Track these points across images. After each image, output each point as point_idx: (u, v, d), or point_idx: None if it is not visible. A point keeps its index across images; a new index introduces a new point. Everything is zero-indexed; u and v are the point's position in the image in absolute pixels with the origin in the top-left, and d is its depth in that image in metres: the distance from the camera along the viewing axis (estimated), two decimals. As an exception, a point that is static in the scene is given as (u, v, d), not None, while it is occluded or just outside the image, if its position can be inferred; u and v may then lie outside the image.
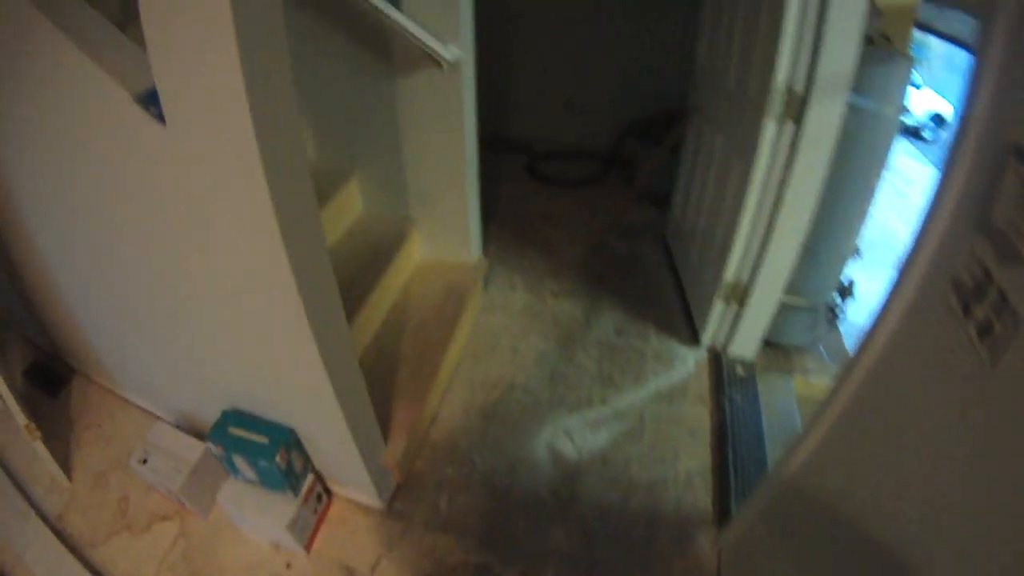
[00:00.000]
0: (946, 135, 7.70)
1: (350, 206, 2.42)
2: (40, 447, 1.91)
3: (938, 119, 7.97)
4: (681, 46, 2.88)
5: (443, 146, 2.18)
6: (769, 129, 1.80)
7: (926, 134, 7.98)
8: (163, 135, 1.05)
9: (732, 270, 2.12)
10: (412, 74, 2.04)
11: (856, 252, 2.19)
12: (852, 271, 2.24)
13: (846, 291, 2.36)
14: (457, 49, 1.93)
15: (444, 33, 1.89)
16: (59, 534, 1.84)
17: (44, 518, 1.89)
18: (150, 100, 1.03)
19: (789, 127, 1.77)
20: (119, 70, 1.07)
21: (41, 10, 1.08)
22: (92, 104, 1.14)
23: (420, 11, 1.86)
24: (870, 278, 2.70)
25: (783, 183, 1.85)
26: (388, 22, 1.75)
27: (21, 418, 1.85)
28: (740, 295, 2.16)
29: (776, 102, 1.75)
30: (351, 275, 2.16)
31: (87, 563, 1.76)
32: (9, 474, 2.03)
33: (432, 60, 1.93)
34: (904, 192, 4.65)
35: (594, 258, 2.89)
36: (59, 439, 2.10)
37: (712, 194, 2.28)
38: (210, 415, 1.73)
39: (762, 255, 2.01)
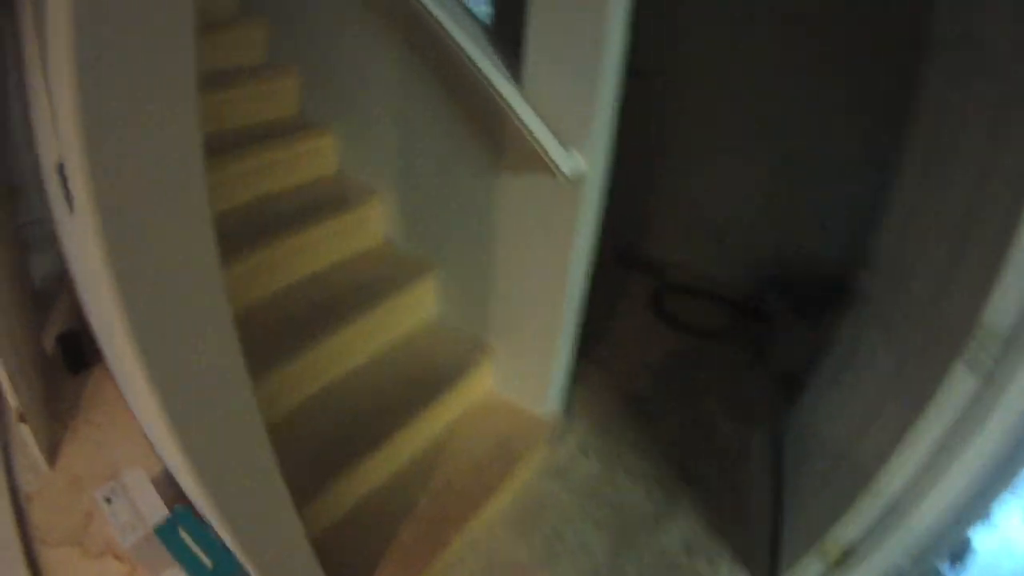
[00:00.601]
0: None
1: (420, 306, 2.17)
2: (25, 430, 1.85)
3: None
4: (863, 210, 2.37)
5: (542, 271, 1.86)
6: (959, 377, 1.30)
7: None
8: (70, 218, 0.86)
9: (848, 531, 1.61)
10: (519, 173, 1.75)
11: (987, 515, 1.64)
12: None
13: (958, 556, 1.79)
14: (582, 159, 1.59)
15: (571, 133, 1.57)
16: (19, 514, 1.77)
17: (14, 491, 1.83)
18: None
19: (980, 379, 1.28)
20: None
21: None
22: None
23: (545, 99, 1.57)
24: (985, 534, 2.10)
25: (954, 448, 1.34)
26: (500, 103, 1.49)
27: (13, 400, 1.78)
28: (847, 560, 1.64)
29: (978, 346, 1.27)
30: (389, 397, 1.90)
31: (31, 558, 1.68)
32: (2, 432, 2.01)
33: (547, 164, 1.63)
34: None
35: (692, 437, 2.41)
36: (59, 421, 2.07)
37: (857, 420, 1.78)
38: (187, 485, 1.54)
39: (895, 523, 1.49)
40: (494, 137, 1.77)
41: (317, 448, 1.75)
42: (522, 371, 2.11)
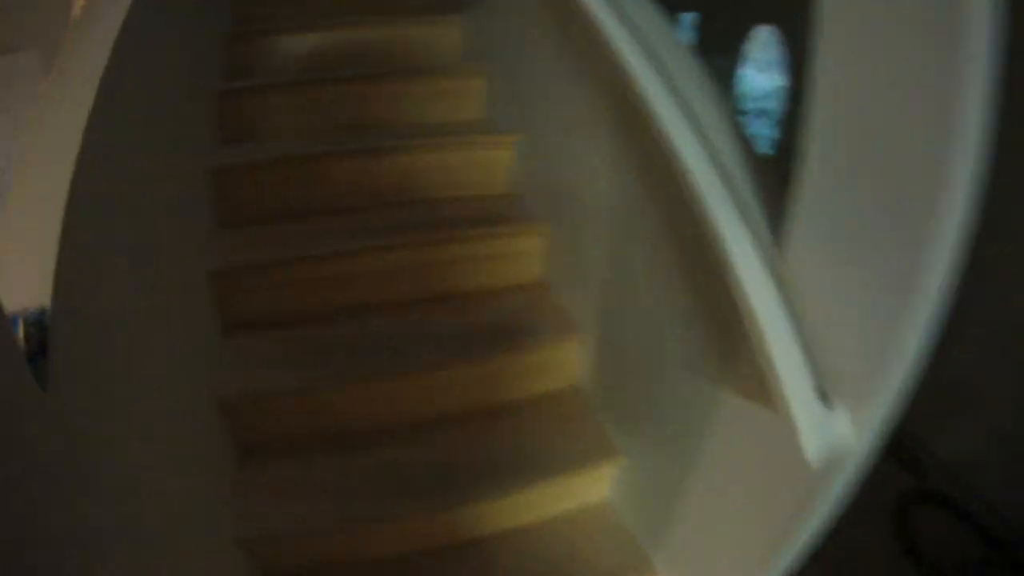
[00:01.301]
0: None
1: (589, 491, 1.72)
2: None
3: None
4: None
5: (750, 532, 1.25)
6: None
7: None
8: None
9: None
10: (743, 394, 1.16)
11: None
12: None
13: None
14: (850, 425, 0.91)
15: (843, 374, 0.91)
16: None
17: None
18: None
19: None
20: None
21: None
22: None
23: (810, 296, 0.96)
24: None
25: None
26: (729, 276, 0.99)
27: None
28: None
29: None
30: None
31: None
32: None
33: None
34: None
35: None
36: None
37: None
38: None
39: None
40: (724, 326, 1.18)
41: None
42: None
